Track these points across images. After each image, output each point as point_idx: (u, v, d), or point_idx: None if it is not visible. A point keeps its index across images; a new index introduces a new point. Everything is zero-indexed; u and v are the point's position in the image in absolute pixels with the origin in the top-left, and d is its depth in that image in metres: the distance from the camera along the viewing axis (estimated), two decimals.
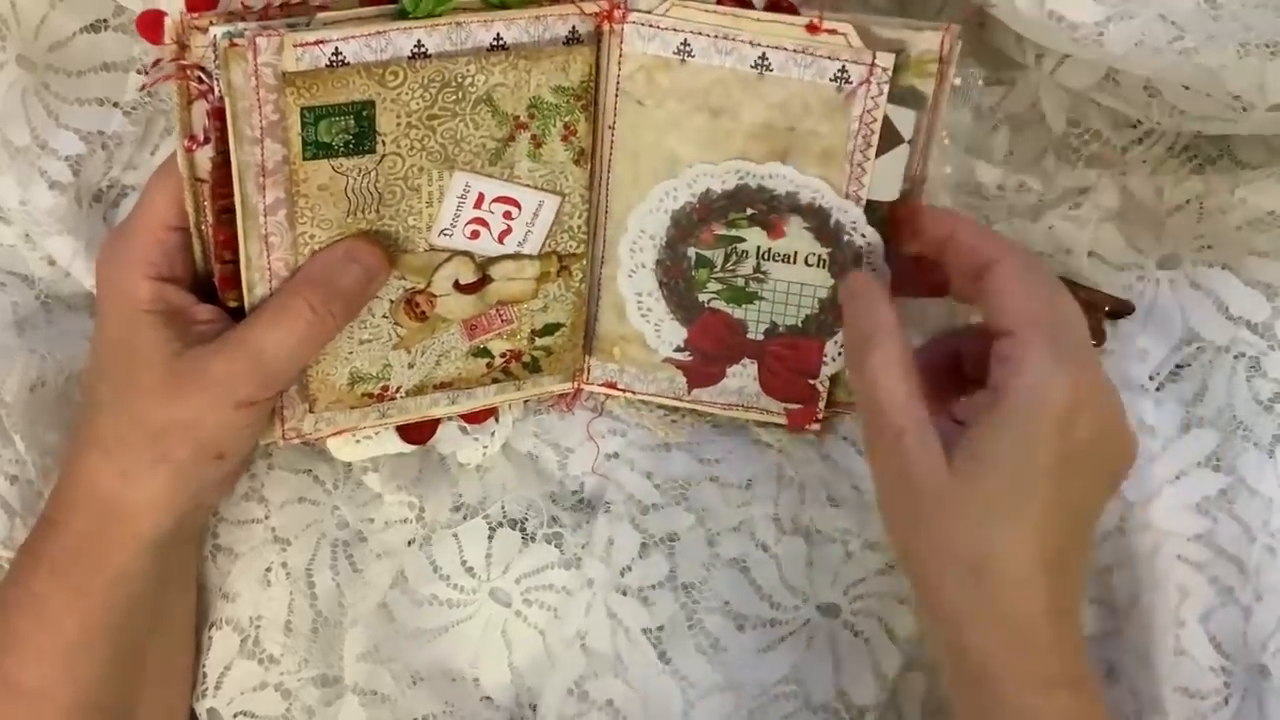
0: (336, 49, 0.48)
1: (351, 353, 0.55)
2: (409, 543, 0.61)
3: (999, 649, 0.46)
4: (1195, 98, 0.54)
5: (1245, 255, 0.61)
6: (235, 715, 0.60)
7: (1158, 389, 0.61)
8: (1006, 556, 0.45)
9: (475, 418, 0.61)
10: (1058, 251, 0.62)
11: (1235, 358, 0.61)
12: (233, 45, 0.46)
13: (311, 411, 0.56)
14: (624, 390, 0.61)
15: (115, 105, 0.60)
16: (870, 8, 0.59)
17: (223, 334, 0.51)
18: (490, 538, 0.61)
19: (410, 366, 0.57)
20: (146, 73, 0.55)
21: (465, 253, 0.55)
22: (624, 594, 0.59)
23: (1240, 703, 0.56)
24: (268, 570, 0.62)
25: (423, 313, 0.55)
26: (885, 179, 0.54)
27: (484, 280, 0.56)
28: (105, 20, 0.59)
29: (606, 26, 0.52)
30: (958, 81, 0.53)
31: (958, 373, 0.53)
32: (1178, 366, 0.61)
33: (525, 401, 0.62)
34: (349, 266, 0.52)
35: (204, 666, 0.61)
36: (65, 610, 0.52)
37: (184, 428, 0.50)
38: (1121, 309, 0.62)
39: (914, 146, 0.54)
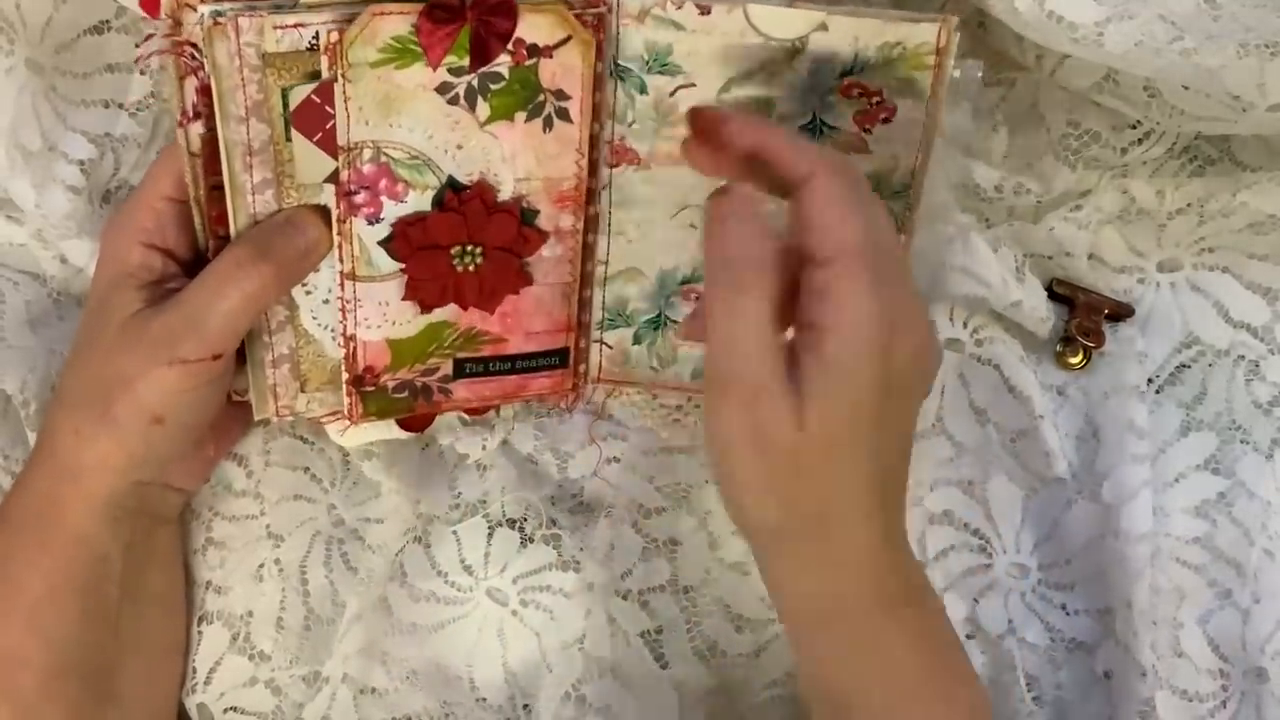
0: (317, 33, 0.49)
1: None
2: (407, 536, 0.60)
3: (845, 586, 0.46)
4: (1195, 98, 0.54)
5: (1246, 259, 0.61)
6: (225, 711, 0.60)
7: (1157, 392, 0.61)
8: (849, 500, 0.45)
9: (475, 410, 0.61)
10: (1058, 254, 0.62)
11: (1235, 361, 0.61)
12: (216, 24, 0.48)
13: (303, 391, 0.56)
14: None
15: (120, 107, 0.60)
16: (872, 5, 0.59)
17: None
18: (489, 536, 0.60)
19: None
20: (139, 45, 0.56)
21: None
22: (624, 598, 0.59)
23: (1238, 706, 0.56)
24: (260, 566, 0.61)
25: None
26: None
27: None
28: (108, 21, 0.60)
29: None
30: (957, 74, 0.53)
31: None
32: (1177, 369, 0.62)
33: (526, 402, 0.62)
34: (286, 230, 0.52)
35: (193, 661, 0.60)
36: (28, 567, 0.52)
37: (124, 384, 0.51)
38: (1121, 312, 0.62)
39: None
